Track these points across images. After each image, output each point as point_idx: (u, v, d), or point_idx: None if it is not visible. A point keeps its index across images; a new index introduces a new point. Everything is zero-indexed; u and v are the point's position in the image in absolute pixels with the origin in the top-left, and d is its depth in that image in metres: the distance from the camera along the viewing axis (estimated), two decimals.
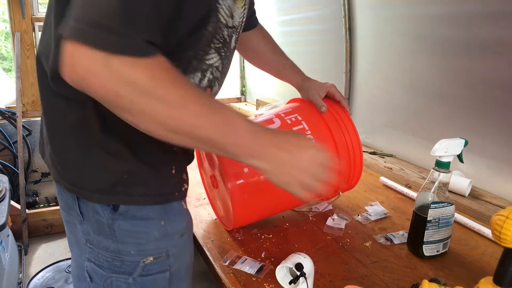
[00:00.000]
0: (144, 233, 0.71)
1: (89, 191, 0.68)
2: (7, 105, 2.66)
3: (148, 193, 0.69)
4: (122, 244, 0.70)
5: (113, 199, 0.68)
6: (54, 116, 0.70)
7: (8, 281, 1.60)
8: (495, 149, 1.30)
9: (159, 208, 0.72)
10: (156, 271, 0.74)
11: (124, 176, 0.67)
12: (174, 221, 0.75)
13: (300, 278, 0.80)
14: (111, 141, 0.66)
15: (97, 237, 0.71)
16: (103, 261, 0.72)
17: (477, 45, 1.30)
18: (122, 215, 0.69)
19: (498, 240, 0.67)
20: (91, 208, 0.69)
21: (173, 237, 0.75)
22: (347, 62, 1.91)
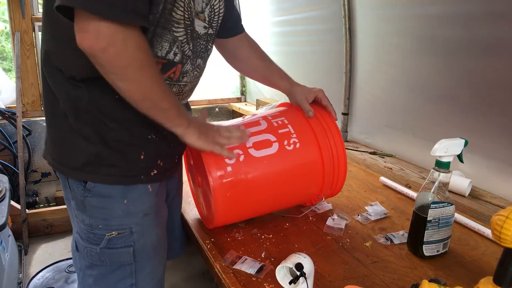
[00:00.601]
0: (109, 210, 0.82)
1: (66, 167, 0.81)
2: (7, 105, 2.66)
3: (113, 173, 0.80)
4: (93, 219, 0.82)
5: (82, 176, 0.80)
6: (46, 103, 0.83)
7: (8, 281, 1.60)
8: (495, 149, 1.30)
9: (122, 188, 0.82)
10: (120, 245, 0.84)
11: (92, 157, 0.78)
12: (137, 201, 0.84)
13: (300, 278, 0.80)
14: (83, 126, 0.77)
15: (77, 211, 0.84)
16: (82, 233, 0.84)
17: (478, 45, 1.30)
18: (90, 192, 0.80)
19: (498, 240, 0.67)
20: (72, 186, 0.82)
21: (136, 216, 0.84)
22: (347, 62, 1.91)
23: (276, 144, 1.01)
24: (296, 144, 1.03)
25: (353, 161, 1.74)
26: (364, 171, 1.60)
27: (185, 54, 0.84)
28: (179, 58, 0.83)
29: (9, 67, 3.74)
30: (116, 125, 0.78)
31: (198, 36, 0.86)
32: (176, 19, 0.78)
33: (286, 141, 1.02)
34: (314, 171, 1.06)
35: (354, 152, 1.81)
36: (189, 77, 0.89)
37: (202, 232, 1.08)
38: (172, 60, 0.82)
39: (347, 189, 1.40)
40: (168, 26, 0.78)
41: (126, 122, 0.79)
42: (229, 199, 0.97)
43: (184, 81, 0.88)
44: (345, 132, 1.99)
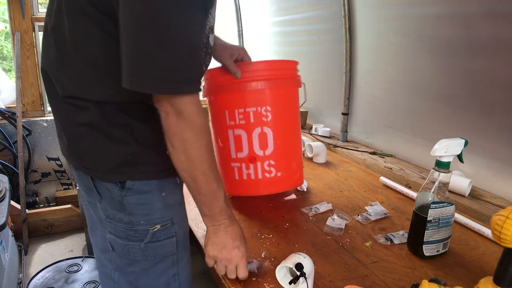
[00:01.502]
0: (150, 205, 0.83)
1: (101, 172, 0.81)
2: (7, 105, 2.66)
3: (149, 170, 0.82)
4: (133, 216, 0.83)
5: (120, 177, 0.81)
6: (65, 119, 0.83)
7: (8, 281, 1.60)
8: (495, 149, 1.30)
9: (158, 182, 0.84)
10: (164, 237, 0.86)
11: (128, 157, 0.80)
12: (173, 193, 0.87)
13: (300, 278, 0.80)
14: (112, 130, 0.79)
15: (113, 211, 0.84)
16: (120, 232, 0.85)
17: (477, 45, 1.30)
18: (129, 190, 0.81)
19: (498, 240, 0.67)
20: (105, 187, 0.82)
21: (174, 207, 0.88)
22: (347, 62, 1.91)
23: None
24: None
25: (353, 161, 1.74)
26: (364, 171, 1.60)
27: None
28: None
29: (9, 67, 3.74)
30: (144, 125, 0.81)
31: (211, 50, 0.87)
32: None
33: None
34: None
35: (354, 152, 1.81)
36: None
37: (202, 232, 1.08)
38: None
39: (347, 189, 1.40)
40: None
41: (152, 121, 0.80)
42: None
43: None
44: (345, 132, 1.99)
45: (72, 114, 0.80)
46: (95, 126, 0.79)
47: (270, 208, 1.24)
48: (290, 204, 1.27)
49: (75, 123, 0.80)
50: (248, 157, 1.14)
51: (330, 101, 2.16)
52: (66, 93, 0.80)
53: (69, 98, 0.79)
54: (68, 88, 0.79)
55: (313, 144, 1.70)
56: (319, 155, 1.68)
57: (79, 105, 0.78)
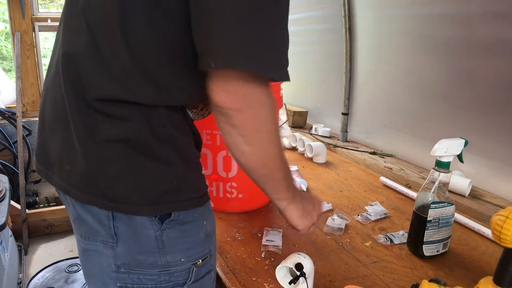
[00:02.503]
0: (192, 237, 0.70)
1: (138, 205, 0.64)
2: (7, 105, 2.66)
3: (194, 195, 0.69)
4: (171, 255, 0.68)
5: (165, 208, 0.65)
6: (87, 133, 0.63)
7: (8, 281, 1.60)
8: (495, 149, 1.30)
9: (201, 209, 0.71)
10: (203, 273, 0.73)
11: (174, 182, 0.65)
12: (211, 220, 0.75)
13: (300, 278, 0.80)
14: (158, 147, 0.63)
15: (138, 256, 0.66)
16: (147, 281, 0.68)
17: (478, 45, 1.30)
18: (172, 222, 0.66)
19: (498, 240, 0.67)
20: (135, 224, 0.65)
21: (212, 236, 0.75)
22: (347, 62, 1.91)
23: None
24: None
25: (353, 161, 1.74)
26: (364, 171, 1.60)
27: None
28: None
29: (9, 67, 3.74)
30: (188, 140, 0.68)
31: None
32: None
33: None
34: None
35: (354, 152, 1.81)
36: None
37: None
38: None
39: (347, 189, 1.40)
40: None
41: (192, 135, 0.70)
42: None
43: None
44: (345, 132, 1.99)
45: (101, 126, 0.62)
46: (133, 143, 0.62)
47: (270, 208, 1.24)
48: None
49: (102, 138, 0.62)
50: (211, 176, 1.15)
51: (330, 101, 2.16)
52: (98, 93, 0.62)
53: (101, 101, 0.62)
54: (102, 86, 0.61)
55: (313, 144, 1.70)
56: (319, 155, 1.68)
57: (114, 114, 0.62)
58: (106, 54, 0.61)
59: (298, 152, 1.81)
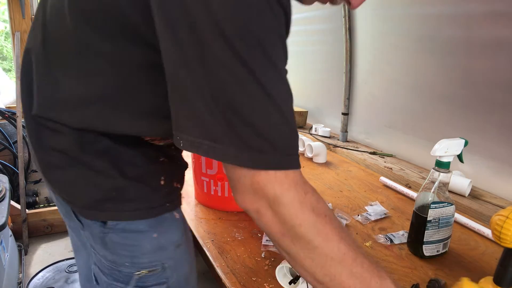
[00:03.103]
0: (136, 246, 0.70)
1: (79, 207, 0.68)
2: (7, 105, 2.66)
3: (139, 207, 0.68)
4: (117, 256, 0.70)
5: (102, 215, 0.67)
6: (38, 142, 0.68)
7: (8, 281, 1.60)
8: (495, 149, 1.30)
9: (151, 221, 0.70)
10: (152, 283, 0.72)
11: (113, 193, 0.66)
12: (168, 233, 0.73)
13: (300, 278, 0.80)
14: (93, 159, 0.64)
15: (96, 245, 0.71)
16: (104, 268, 0.72)
17: (478, 45, 1.30)
18: (112, 229, 0.68)
19: (498, 240, 0.67)
20: (83, 220, 0.69)
21: (167, 249, 0.73)
22: (347, 62, 1.91)
23: None
24: None
25: (353, 161, 1.74)
26: (364, 171, 1.60)
27: None
28: None
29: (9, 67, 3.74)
30: (134, 152, 0.65)
31: None
32: None
33: None
34: None
35: (354, 152, 1.81)
36: None
37: (202, 232, 1.08)
38: None
39: (347, 189, 1.40)
40: None
41: (138, 145, 0.67)
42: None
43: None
44: (345, 132, 1.99)
45: (44, 135, 0.66)
46: (71, 153, 0.64)
47: None
48: None
49: (48, 146, 0.66)
50: (216, 175, 1.16)
51: (330, 101, 2.16)
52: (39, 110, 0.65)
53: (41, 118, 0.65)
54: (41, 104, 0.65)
55: (313, 144, 1.70)
56: (319, 155, 1.68)
57: (51, 127, 0.64)
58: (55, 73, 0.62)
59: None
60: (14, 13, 2.45)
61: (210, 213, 1.18)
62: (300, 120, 2.26)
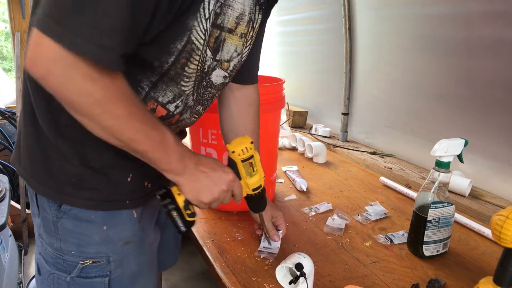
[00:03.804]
0: (85, 235, 0.72)
1: (40, 184, 0.70)
2: (7, 105, 2.66)
3: (94, 198, 0.70)
4: (64, 243, 0.72)
5: (59, 198, 0.70)
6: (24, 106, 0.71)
7: (8, 281, 1.60)
8: (495, 149, 1.30)
9: (102, 213, 0.72)
10: (94, 275, 0.74)
11: (72, 179, 0.69)
12: (118, 228, 0.74)
13: (300, 278, 0.80)
14: (63, 143, 0.67)
15: (44, 233, 0.73)
16: (49, 257, 0.74)
17: (477, 45, 1.30)
18: (65, 214, 0.70)
19: (498, 240, 0.67)
20: (41, 204, 0.72)
21: (115, 244, 0.74)
22: (347, 62, 1.91)
23: None
24: None
25: (353, 161, 1.74)
26: (364, 171, 1.60)
27: (187, 105, 0.75)
28: (179, 110, 0.74)
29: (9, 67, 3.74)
30: (100, 144, 0.64)
31: (210, 85, 0.78)
32: (188, 73, 0.70)
33: None
34: None
35: (354, 152, 1.81)
36: (184, 123, 0.81)
37: (202, 232, 1.08)
38: (172, 112, 0.73)
39: (347, 189, 1.40)
40: (177, 80, 0.69)
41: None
42: None
43: (178, 125, 0.79)
44: (345, 132, 1.99)
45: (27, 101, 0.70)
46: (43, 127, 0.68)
47: None
48: (290, 204, 1.27)
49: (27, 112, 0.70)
50: None
51: (330, 101, 2.16)
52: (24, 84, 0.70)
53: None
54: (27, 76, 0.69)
55: (313, 144, 1.70)
56: (319, 155, 1.68)
57: (36, 101, 0.68)
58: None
59: (298, 152, 1.81)
60: (14, 13, 2.45)
61: (210, 213, 1.18)
62: (300, 120, 2.26)
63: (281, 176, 1.49)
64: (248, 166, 0.82)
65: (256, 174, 0.84)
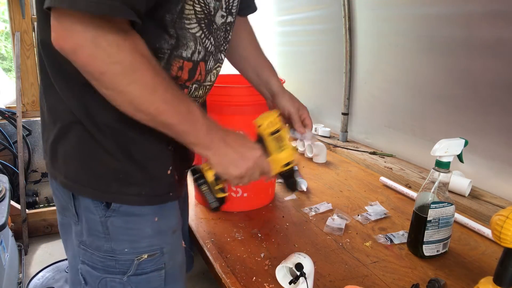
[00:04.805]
0: (137, 230, 0.71)
1: (84, 185, 0.68)
2: (7, 105, 2.66)
3: (143, 193, 0.70)
4: (116, 242, 0.70)
5: (107, 197, 0.68)
6: (50, 109, 0.69)
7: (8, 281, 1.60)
8: (495, 149, 1.30)
9: (153, 206, 0.72)
10: (151, 269, 0.73)
11: (119, 175, 0.67)
12: (167, 217, 0.75)
13: (300, 278, 0.80)
14: (105, 138, 0.66)
15: (89, 237, 0.71)
16: (97, 262, 0.71)
17: (477, 45, 1.30)
18: (115, 212, 0.69)
19: (498, 240, 0.67)
20: (85, 206, 0.69)
21: (166, 234, 0.75)
22: (347, 62, 1.91)
23: None
24: None
25: (353, 161, 1.74)
26: (364, 171, 1.60)
27: (208, 50, 0.74)
28: (202, 55, 0.73)
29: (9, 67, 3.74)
30: (139, 137, 0.66)
31: (217, 28, 0.75)
32: (198, 17, 0.69)
33: None
34: None
35: (354, 152, 1.81)
36: (213, 75, 0.80)
37: (202, 232, 1.08)
38: (196, 60, 0.72)
39: (347, 189, 1.40)
40: (188, 27, 0.68)
41: (147, 132, 0.66)
42: None
43: (209, 80, 0.79)
44: (345, 132, 1.99)
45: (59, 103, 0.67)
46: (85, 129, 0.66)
47: (270, 208, 1.24)
48: (290, 204, 1.27)
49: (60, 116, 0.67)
50: None
51: (330, 101, 2.16)
52: (53, 77, 0.66)
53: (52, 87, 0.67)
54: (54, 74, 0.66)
55: (313, 144, 1.70)
56: (319, 155, 1.68)
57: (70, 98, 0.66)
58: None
59: (298, 152, 1.81)
60: (14, 13, 2.45)
61: (210, 213, 1.18)
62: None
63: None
64: (277, 140, 0.81)
65: (285, 149, 0.82)
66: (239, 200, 1.18)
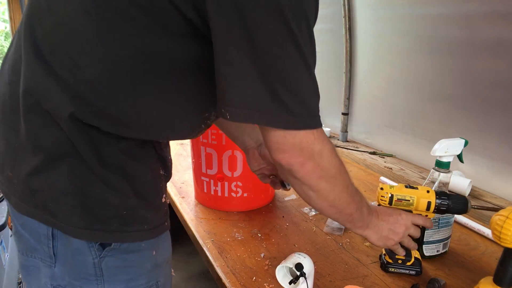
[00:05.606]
0: (136, 267, 0.65)
1: (78, 227, 0.59)
2: None
3: (145, 228, 0.64)
4: (110, 284, 0.63)
5: (106, 237, 0.61)
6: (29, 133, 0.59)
7: (8, 281, 1.60)
8: (495, 149, 1.30)
9: (151, 240, 0.67)
10: None
11: (123, 212, 0.61)
12: (163, 249, 0.70)
13: (300, 278, 0.80)
14: (109, 174, 0.59)
15: (75, 281, 0.62)
16: None
17: (478, 45, 1.30)
18: (112, 251, 0.62)
19: (498, 240, 0.67)
20: (75, 247, 0.61)
21: (161, 266, 0.70)
22: (347, 62, 1.91)
23: None
24: None
25: (353, 161, 1.74)
26: (364, 171, 1.60)
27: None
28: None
29: None
30: (141, 167, 0.62)
31: None
32: None
33: None
34: None
35: (354, 152, 1.81)
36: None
37: (202, 232, 1.08)
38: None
39: None
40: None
41: (145, 159, 0.63)
42: None
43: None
44: (345, 132, 1.99)
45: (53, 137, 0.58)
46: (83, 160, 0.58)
47: (270, 208, 1.24)
48: (290, 204, 1.27)
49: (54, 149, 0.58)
50: (216, 175, 1.16)
51: (330, 101, 2.16)
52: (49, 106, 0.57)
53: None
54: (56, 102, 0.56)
55: None
56: None
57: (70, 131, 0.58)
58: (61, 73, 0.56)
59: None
60: (14, 13, 2.45)
61: (210, 213, 1.18)
62: None
63: None
64: (401, 203, 0.86)
65: (413, 200, 0.85)
66: (239, 200, 1.18)
